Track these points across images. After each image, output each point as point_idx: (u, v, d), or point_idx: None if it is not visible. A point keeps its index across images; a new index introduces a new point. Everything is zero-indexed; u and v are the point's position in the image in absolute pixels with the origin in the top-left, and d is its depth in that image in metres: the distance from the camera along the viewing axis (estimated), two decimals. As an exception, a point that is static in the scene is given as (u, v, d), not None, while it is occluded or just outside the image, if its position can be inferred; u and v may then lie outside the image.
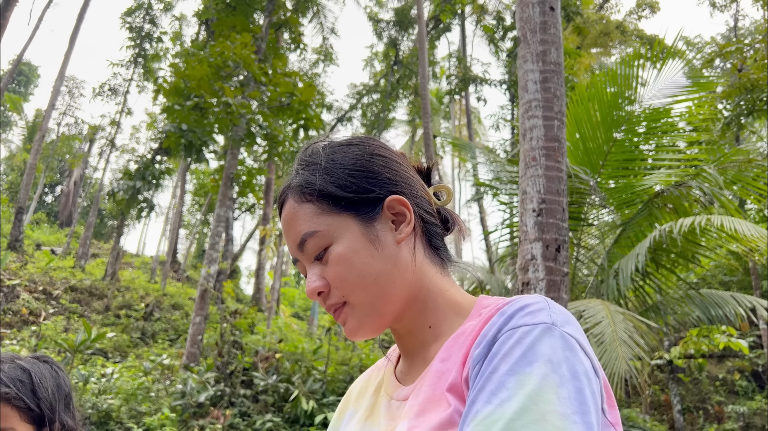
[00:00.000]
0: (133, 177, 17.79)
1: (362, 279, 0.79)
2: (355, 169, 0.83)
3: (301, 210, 0.82)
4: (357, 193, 0.82)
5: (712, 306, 6.36)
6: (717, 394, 15.02)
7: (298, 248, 0.83)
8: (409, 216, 0.83)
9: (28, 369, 1.37)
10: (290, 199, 0.84)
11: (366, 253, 0.80)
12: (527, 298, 0.73)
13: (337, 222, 0.81)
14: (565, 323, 0.69)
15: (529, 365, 0.63)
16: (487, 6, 23.60)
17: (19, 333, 12.91)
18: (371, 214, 0.82)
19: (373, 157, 0.85)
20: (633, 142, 6.88)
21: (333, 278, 0.80)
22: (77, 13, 21.37)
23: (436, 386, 0.74)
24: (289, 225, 0.84)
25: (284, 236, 0.86)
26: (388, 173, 0.85)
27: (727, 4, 20.92)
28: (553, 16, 4.10)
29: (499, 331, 0.68)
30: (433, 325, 0.84)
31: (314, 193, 0.82)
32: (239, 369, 10.20)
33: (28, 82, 42.71)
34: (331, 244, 0.80)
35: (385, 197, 0.83)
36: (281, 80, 12.98)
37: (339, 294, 0.81)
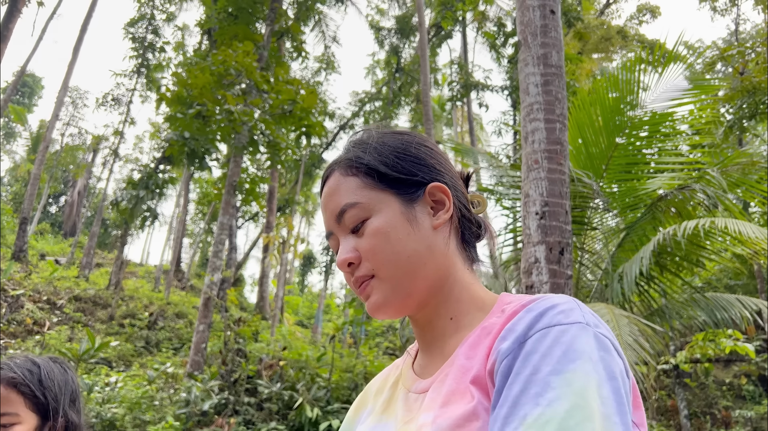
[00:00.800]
0: (137, 186, 17.83)
1: (395, 255, 0.80)
2: (403, 152, 0.87)
3: (346, 182, 0.85)
4: (402, 173, 0.85)
5: (718, 310, 6.32)
6: (724, 399, 14.92)
7: (336, 219, 0.85)
8: (448, 204, 0.86)
9: (38, 362, 1.44)
10: (336, 173, 0.87)
11: (402, 231, 0.81)
12: (554, 297, 0.72)
13: (378, 197, 0.83)
14: (597, 323, 0.69)
15: (571, 363, 0.63)
16: (488, 13, 23.67)
17: (23, 343, 12.91)
18: (412, 196, 0.84)
19: (421, 146, 0.89)
20: (635, 146, 6.87)
21: (367, 250, 0.82)
22: (80, 24, 21.51)
23: (461, 380, 0.75)
24: (330, 197, 0.86)
25: (323, 210, 0.88)
26: (434, 163, 0.88)
27: (727, 9, 20.95)
28: (553, 19, 4.10)
29: (530, 328, 0.68)
30: (455, 317, 0.84)
31: (361, 168, 0.85)
32: (243, 377, 10.18)
33: (32, 93, 42.94)
34: (370, 217, 0.82)
35: (428, 183, 0.86)
36: (283, 88, 13.01)
37: (369, 266, 0.82)
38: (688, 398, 14.30)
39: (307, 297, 37.53)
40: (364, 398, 0.99)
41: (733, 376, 15.65)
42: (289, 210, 25.36)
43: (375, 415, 0.89)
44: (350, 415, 0.99)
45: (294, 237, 18.42)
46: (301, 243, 22.41)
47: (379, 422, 0.86)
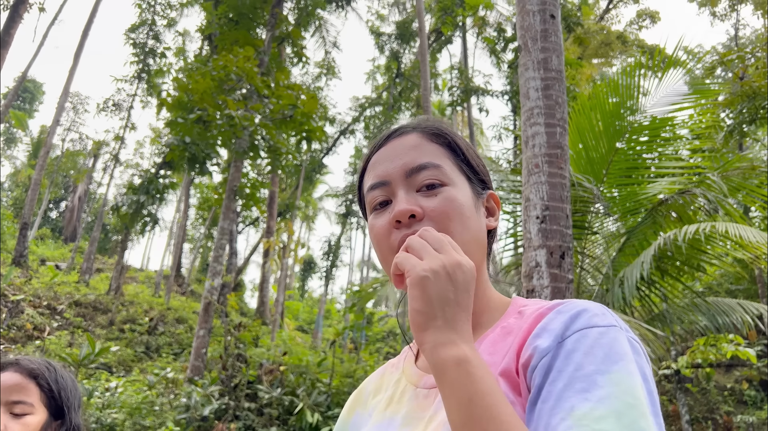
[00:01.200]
0: (137, 191, 17.83)
1: (463, 227, 0.81)
2: (478, 155, 0.93)
3: (429, 146, 0.86)
4: (479, 169, 0.90)
5: (719, 314, 6.32)
6: (725, 404, 14.88)
7: (408, 172, 0.83)
8: (497, 213, 0.91)
9: (53, 363, 1.50)
10: (416, 134, 0.88)
11: (473, 214, 0.83)
12: (583, 302, 0.73)
13: (456, 173, 0.85)
14: (627, 328, 0.71)
15: (615, 364, 0.64)
16: (488, 18, 23.73)
17: (24, 349, 12.89)
18: (479, 191, 0.88)
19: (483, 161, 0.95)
20: (636, 150, 6.87)
21: (439, 212, 0.80)
22: (81, 30, 21.56)
23: None
24: (406, 150, 0.85)
25: (386, 159, 0.86)
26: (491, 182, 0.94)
27: (727, 14, 21.00)
28: (553, 23, 4.11)
29: (567, 328, 0.69)
30: (474, 313, 0.82)
31: (447, 142, 0.88)
32: (243, 382, 10.15)
33: (33, 98, 43.02)
34: (448, 185, 0.83)
35: (491, 190, 0.91)
36: (284, 93, 13.04)
37: (433, 226, 0.79)
38: (689, 403, 14.27)
39: (308, 303, 37.50)
40: (358, 397, 0.97)
41: (734, 381, 15.61)
42: (290, 215, 25.37)
43: (378, 413, 0.87)
44: (344, 415, 0.97)
45: (294, 242, 18.42)
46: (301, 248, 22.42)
47: (383, 419, 0.84)
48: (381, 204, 0.84)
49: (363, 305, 12.10)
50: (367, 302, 12.49)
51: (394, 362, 0.97)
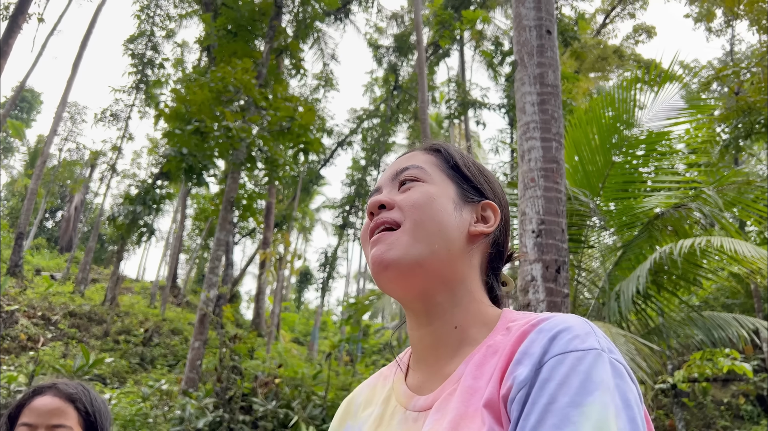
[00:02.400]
0: (134, 202, 17.80)
1: (430, 218, 0.81)
2: (482, 169, 0.93)
3: (422, 155, 0.91)
4: (471, 178, 0.90)
5: (715, 329, 6.31)
6: (722, 419, 14.83)
7: (394, 175, 0.88)
8: (493, 222, 0.88)
9: (88, 387, 1.56)
10: (417, 150, 0.93)
11: (446, 207, 0.83)
12: (567, 318, 0.71)
13: (442, 177, 0.87)
14: (611, 349, 0.68)
15: (589, 395, 0.62)
16: (485, 32, 23.88)
17: (18, 359, 12.81)
18: (468, 197, 0.87)
19: (497, 180, 0.95)
20: (632, 164, 6.90)
21: (407, 201, 0.83)
22: (80, 41, 21.63)
23: (469, 403, 0.72)
24: (400, 161, 0.91)
25: (385, 172, 0.92)
26: (500, 193, 0.93)
27: (722, 29, 21.17)
28: (549, 39, 4.14)
29: (545, 353, 0.67)
30: (459, 326, 0.82)
31: (440, 152, 0.91)
32: (238, 394, 10.09)
33: (31, 108, 43.06)
34: (425, 182, 0.85)
35: (486, 199, 0.90)
36: (282, 105, 13.07)
37: (400, 215, 0.82)
38: (686, 418, 14.21)
39: (304, 314, 37.38)
40: (348, 408, 0.95)
41: (731, 396, 15.58)
42: (287, 226, 25.35)
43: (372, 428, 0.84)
44: (335, 425, 0.95)
45: (291, 253, 18.39)
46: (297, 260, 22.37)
47: None
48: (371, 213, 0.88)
49: (359, 317, 12.06)
50: (364, 314, 12.47)
51: (385, 373, 0.95)
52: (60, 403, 1.46)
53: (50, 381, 1.52)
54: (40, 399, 1.46)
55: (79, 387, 1.54)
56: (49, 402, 1.45)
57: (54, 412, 1.44)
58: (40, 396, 1.46)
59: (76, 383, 1.55)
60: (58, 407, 1.45)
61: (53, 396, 1.47)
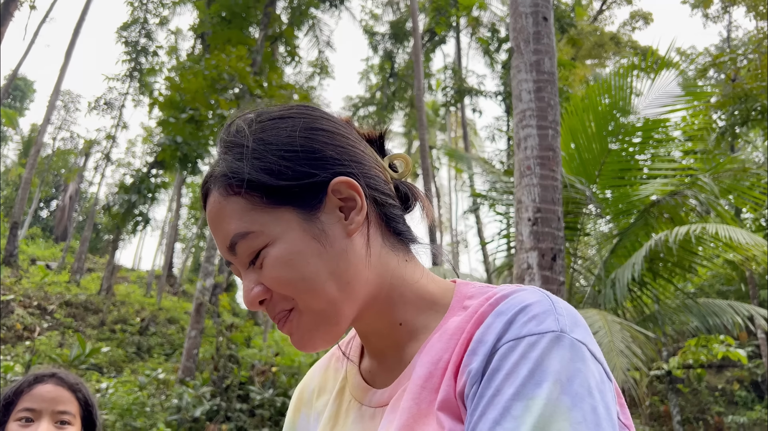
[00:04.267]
0: (129, 191, 17.72)
1: (309, 284, 0.66)
2: (290, 149, 0.69)
3: (228, 205, 0.68)
4: (294, 179, 0.68)
5: (710, 316, 6.34)
6: (716, 405, 14.95)
7: (229, 251, 0.69)
8: (360, 201, 0.70)
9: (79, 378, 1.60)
10: (214, 192, 0.70)
11: (310, 252, 0.67)
12: (526, 294, 0.63)
13: (272, 218, 0.67)
14: (573, 327, 0.60)
15: (537, 387, 0.55)
16: (481, 18, 23.76)
17: (14, 349, 12.80)
18: (314, 204, 0.68)
19: (313, 132, 0.71)
20: (628, 152, 6.88)
21: (272, 284, 0.67)
22: (73, 28, 21.44)
23: (421, 399, 0.65)
24: (215, 223, 0.69)
25: (213, 235, 0.72)
26: (332, 150, 0.71)
27: (719, 15, 21.11)
28: (546, 26, 4.11)
29: (499, 339, 0.59)
30: (404, 322, 0.72)
31: (242, 184, 0.67)
32: (235, 383, 10.12)
33: (24, 96, 42.74)
34: (267, 246, 0.67)
35: (330, 180, 0.69)
36: (277, 92, 13.00)
37: (285, 299, 0.68)
38: (680, 404, 14.33)
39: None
40: (302, 396, 0.87)
41: (725, 382, 15.70)
42: (283, 215, 25.28)
43: (325, 428, 0.77)
44: (290, 415, 0.87)
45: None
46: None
47: None
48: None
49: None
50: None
51: (336, 354, 0.86)
52: (63, 391, 1.48)
53: (49, 369, 1.55)
54: (42, 387, 1.47)
55: (77, 378, 1.57)
56: (53, 389, 1.48)
57: (58, 400, 1.47)
58: (41, 384, 1.48)
59: (73, 374, 1.58)
60: (61, 394, 1.48)
61: (56, 384, 1.49)
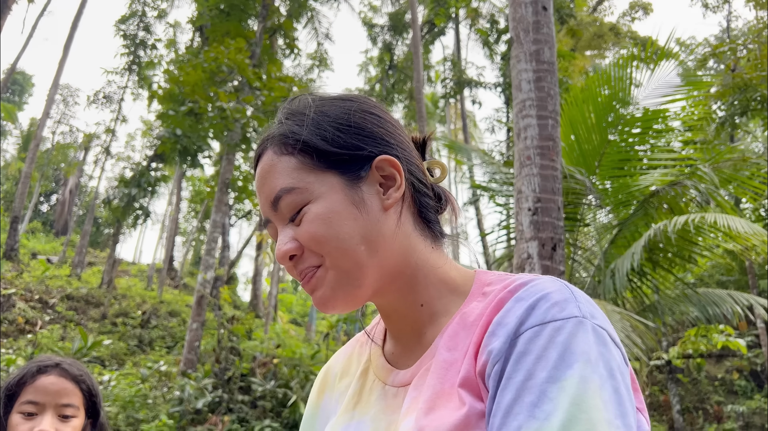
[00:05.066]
0: (129, 184, 17.75)
1: (341, 243, 0.71)
2: (345, 123, 0.76)
3: (280, 163, 0.75)
4: (345, 149, 0.75)
5: (710, 305, 6.36)
6: (716, 394, 15.01)
7: (272, 206, 0.75)
8: (400, 180, 0.75)
9: (83, 367, 1.56)
10: (269, 151, 0.77)
11: (348, 215, 0.72)
12: (545, 282, 0.67)
13: (319, 179, 0.73)
14: (593, 313, 0.64)
15: (568, 368, 0.58)
16: (480, 9, 23.67)
17: (15, 343, 12.84)
18: (358, 174, 0.74)
19: (367, 114, 0.78)
20: (628, 142, 6.88)
21: (308, 238, 0.72)
22: (71, 22, 21.35)
23: (445, 379, 0.68)
24: (264, 179, 0.76)
25: (257, 193, 0.78)
26: (382, 132, 0.78)
27: (719, 5, 21.04)
28: (545, 15, 4.10)
29: (521, 323, 0.62)
30: (426, 303, 0.76)
31: (297, 145, 0.74)
32: (237, 375, 10.16)
33: (23, 90, 42.65)
34: (309, 203, 0.73)
35: (376, 156, 0.75)
36: (276, 85, 12.98)
37: (314, 256, 0.73)
38: (680, 393, 14.39)
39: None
40: (326, 378, 0.91)
41: (725, 371, 15.75)
42: (283, 207, 25.27)
43: (346, 412, 0.80)
44: (314, 397, 0.92)
45: (287, 234, 18.36)
46: (294, 241, 22.31)
47: (351, 420, 0.78)
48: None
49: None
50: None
51: (361, 340, 0.90)
52: (67, 383, 1.46)
53: (52, 359, 1.51)
54: (46, 378, 1.44)
55: (80, 366, 1.54)
56: (56, 381, 1.45)
57: (62, 392, 1.44)
58: (45, 375, 1.45)
59: (76, 362, 1.55)
60: (65, 387, 1.45)
61: (59, 376, 1.46)
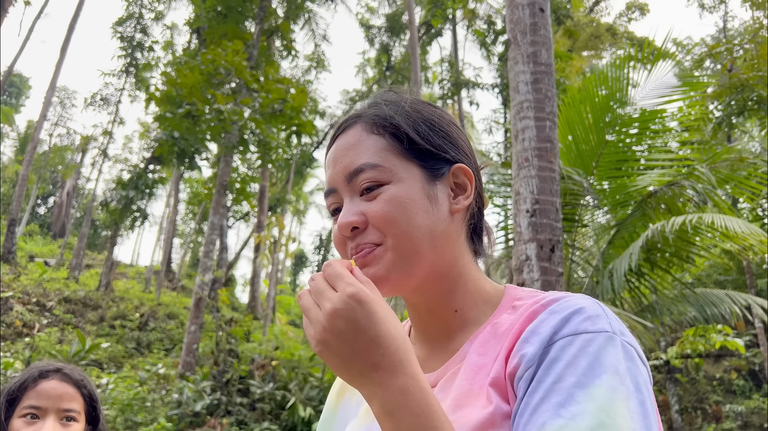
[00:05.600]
0: (126, 186, 17.72)
1: (410, 229, 0.74)
2: (436, 125, 0.81)
3: (369, 140, 0.78)
4: (432, 146, 0.79)
5: (708, 305, 6.37)
6: (714, 394, 15.03)
7: (348, 176, 0.77)
8: (470, 190, 0.80)
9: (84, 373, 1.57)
10: (358, 126, 0.80)
11: (421, 206, 0.75)
12: (578, 300, 0.69)
13: (402, 165, 0.77)
14: (623, 330, 0.66)
15: (597, 377, 0.60)
16: (477, 10, 23.69)
17: (13, 346, 12.81)
18: (437, 172, 0.78)
19: (453, 125, 0.84)
20: (625, 143, 6.89)
21: (379, 216, 0.74)
22: (68, 24, 21.33)
23: (474, 380, 0.70)
24: (345, 151, 0.79)
25: (331, 163, 0.81)
26: (462, 145, 0.83)
27: (715, 6, 21.08)
28: (542, 17, 4.11)
29: (555, 333, 0.65)
30: (460, 310, 0.79)
31: (389, 128, 0.78)
32: (235, 377, 10.15)
33: (20, 93, 42.58)
34: (389, 184, 0.76)
35: (455, 162, 0.80)
36: (273, 87, 12.97)
37: (378, 233, 0.75)
38: (678, 393, 14.41)
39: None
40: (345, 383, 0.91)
41: (723, 371, 15.78)
42: (280, 209, 25.31)
43: (367, 413, 0.82)
44: (333, 399, 0.93)
45: (285, 236, 18.38)
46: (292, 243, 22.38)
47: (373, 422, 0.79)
48: (335, 211, 0.81)
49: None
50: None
51: None
52: (69, 388, 1.46)
53: (53, 364, 1.52)
54: (47, 383, 1.45)
55: (81, 373, 1.54)
56: (58, 386, 1.45)
57: (64, 397, 1.44)
58: (46, 380, 1.45)
59: (76, 368, 1.55)
60: (67, 392, 1.45)
61: (61, 380, 1.46)
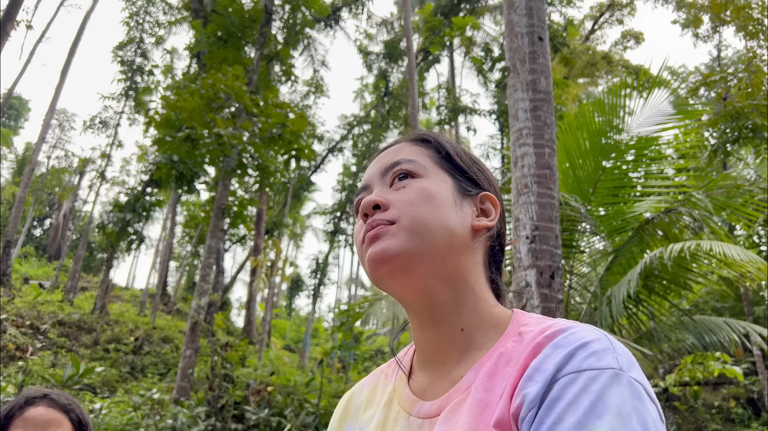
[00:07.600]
0: (124, 209, 17.70)
1: (429, 216, 0.76)
2: (473, 158, 0.88)
3: (411, 147, 0.85)
4: (469, 169, 0.85)
5: (706, 333, 6.35)
6: (713, 422, 14.90)
7: (384, 170, 0.83)
8: (494, 215, 0.84)
9: (73, 398, 1.56)
10: (404, 142, 0.87)
11: (447, 206, 0.79)
12: (585, 331, 0.67)
13: (436, 170, 0.82)
14: (630, 366, 0.64)
15: (598, 418, 0.58)
16: (475, 38, 24.00)
17: (6, 369, 12.66)
18: (466, 190, 0.83)
19: (486, 168, 0.91)
20: (622, 170, 6.94)
21: (403, 200, 0.78)
22: (69, 48, 21.53)
23: (480, 418, 0.68)
24: (387, 155, 0.85)
25: (371, 166, 0.86)
26: (495, 184, 0.89)
27: (710, 35, 21.39)
28: (541, 46, 4.17)
29: (559, 370, 0.63)
30: (466, 329, 0.78)
31: (431, 143, 0.86)
32: (230, 403, 10.03)
33: (19, 115, 42.76)
34: (420, 178, 0.80)
35: (484, 190, 0.86)
36: (272, 111, 13.06)
37: (395, 213, 0.77)
38: (677, 421, 14.28)
39: (295, 321, 37.25)
40: (348, 407, 0.91)
41: (722, 399, 15.66)
42: (277, 233, 25.28)
43: None
44: (334, 426, 0.91)
45: (282, 260, 18.34)
46: (289, 267, 22.31)
47: None
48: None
49: (352, 324, 12.07)
50: (356, 321, 12.48)
51: (386, 371, 0.90)
52: (55, 414, 1.44)
53: (40, 390, 1.50)
54: (33, 410, 1.42)
55: (68, 396, 1.52)
56: (44, 412, 1.43)
57: (50, 423, 1.42)
58: (33, 407, 1.43)
59: (65, 393, 1.53)
60: (54, 417, 1.43)
61: (47, 406, 1.44)
